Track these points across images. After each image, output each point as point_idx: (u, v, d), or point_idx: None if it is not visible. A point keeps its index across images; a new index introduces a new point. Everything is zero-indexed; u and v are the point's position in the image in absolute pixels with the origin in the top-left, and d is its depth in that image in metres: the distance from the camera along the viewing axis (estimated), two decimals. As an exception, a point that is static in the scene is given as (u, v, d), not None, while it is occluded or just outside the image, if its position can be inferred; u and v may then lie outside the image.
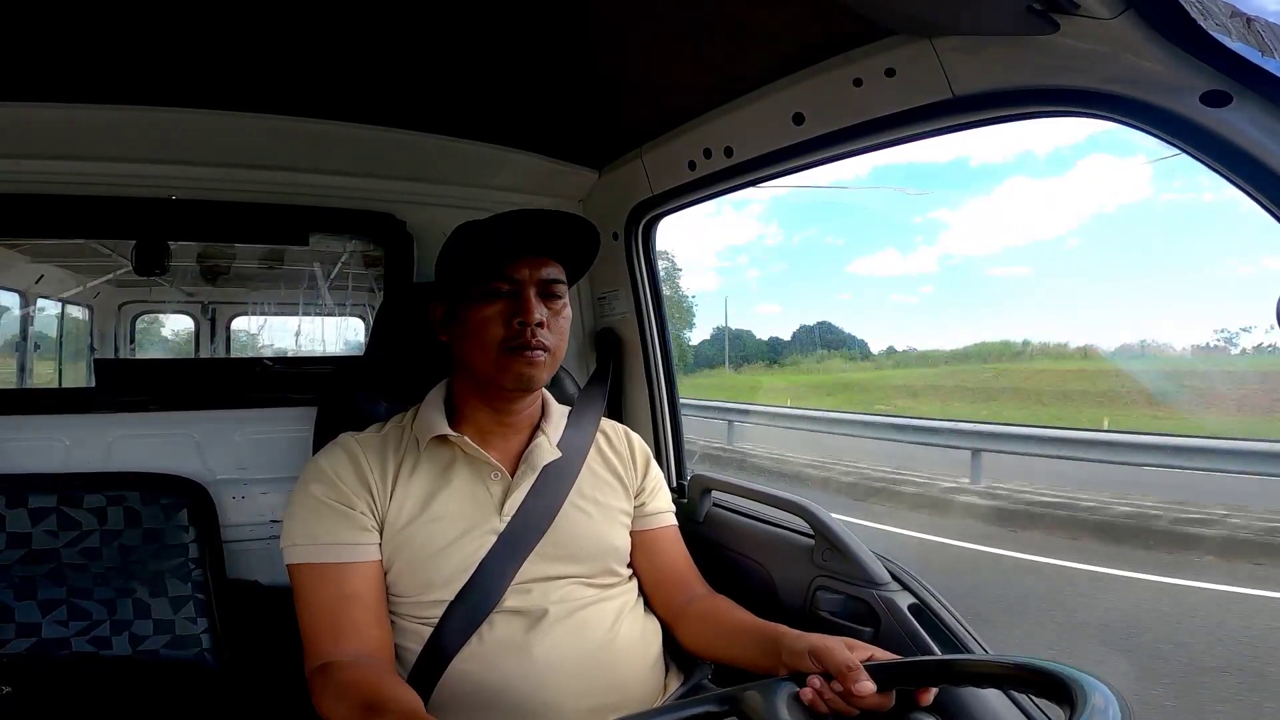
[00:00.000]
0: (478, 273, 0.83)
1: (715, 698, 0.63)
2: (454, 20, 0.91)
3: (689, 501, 1.25)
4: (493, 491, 0.87)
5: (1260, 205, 0.59)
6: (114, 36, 0.93)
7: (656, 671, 0.88)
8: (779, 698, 0.63)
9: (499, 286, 0.83)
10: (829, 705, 0.65)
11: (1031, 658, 0.57)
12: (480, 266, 0.83)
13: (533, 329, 0.81)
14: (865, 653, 0.68)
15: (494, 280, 0.82)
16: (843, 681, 0.65)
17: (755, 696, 0.63)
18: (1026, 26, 0.66)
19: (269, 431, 1.34)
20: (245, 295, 3.28)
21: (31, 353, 2.53)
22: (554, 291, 0.85)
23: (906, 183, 27.15)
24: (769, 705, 0.62)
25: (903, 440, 6.85)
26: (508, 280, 0.83)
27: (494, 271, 0.82)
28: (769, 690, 0.64)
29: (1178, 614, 3.18)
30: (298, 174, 1.30)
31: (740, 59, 0.97)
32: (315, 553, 0.80)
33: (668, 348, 1.40)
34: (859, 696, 0.64)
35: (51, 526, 1.14)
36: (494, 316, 0.82)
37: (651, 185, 1.28)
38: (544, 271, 0.84)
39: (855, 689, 0.64)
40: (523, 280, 0.83)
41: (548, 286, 0.85)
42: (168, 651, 1.15)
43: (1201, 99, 0.59)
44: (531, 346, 0.82)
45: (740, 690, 0.64)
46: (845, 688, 0.64)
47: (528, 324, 0.81)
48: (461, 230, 0.89)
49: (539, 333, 0.82)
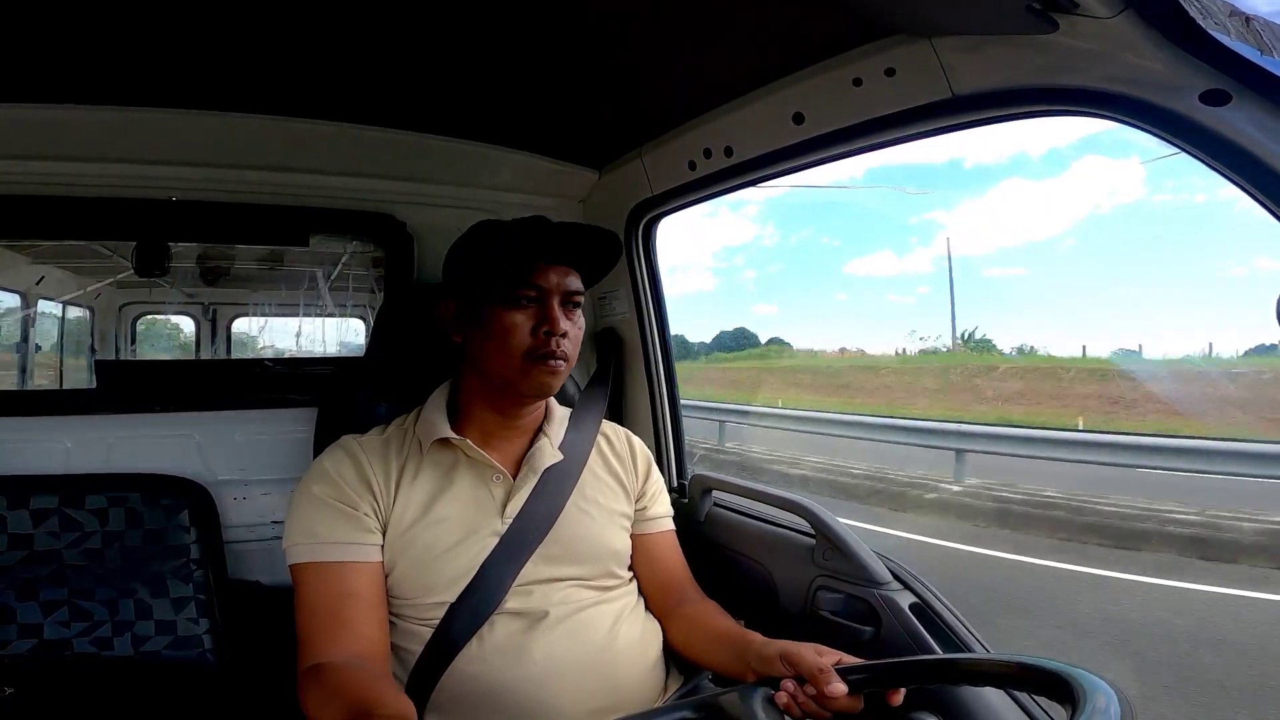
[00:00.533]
0: (506, 277, 0.83)
1: (693, 704, 0.64)
2: (454, 20, 0.91)
3: (690, 501, 1.25)
4: (495, 494, 0.87)
5: (1259, 204, 0.59)
6: (114, 37, 0.93)
7: (656, 673, 0.88)
8: (755, 702, 0.64)
9: (527, 293, 0.83)
10: (802, 708, 0.67)
11: (1033, 657, 0.57)
12: (508, 271, 0.83)
13: (558, 339, 0.82)
14: (834, 657, 0.71)
15: (523, 287, 0.83)
16: (815, 684, 0.67)
17: (732, 701, 0.64)
18: (1026, 26, 0.66)
19: (270, 432, 1.34)
20: (246, 296, 3.28)
21: (32, 354, 2.53)
22: (574, 302, 0.86)
23: (903, 184, 27.15)
24: (746, 709, 0.63)
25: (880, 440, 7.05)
26: (535, 288, 0.83)
27: (523, 278, 0.83)
28: (746, 695, 0.66)
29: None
30: (298, 175, 1.30)
31: (740, 59, 0.97)
32: (317, 551, 0.80)
33: (668, 348, 1.39)
34: (831, 698, 0.66)
35: (53, 527, 1.14)
36: (521, 323, 0.82)
37: (651, 185, 1.28)
38: (568, 281, 0.85)
39: (828, 690, 0.66)
40: (549, 289, 0.83)
41: (570, 297, 0.85)
42: (169, 652, 1.15)
43: (1201, 98, 0.59)
44: (555, 356, 0.82)
45: (716, 696, 0.65)
46: (818, 690, 0.66)
47: (554, 334, 0.82)
48: (481, 229, 0.88)
49: (562, 343, 0.83)
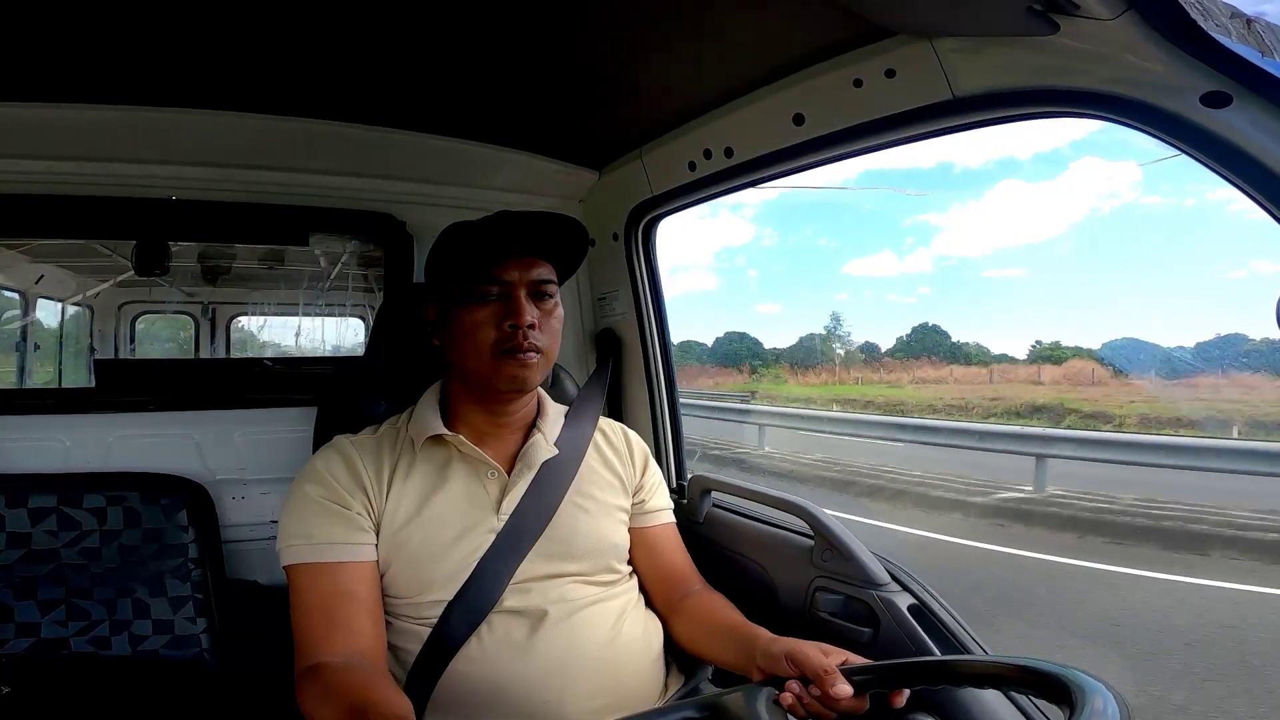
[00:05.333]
0: (467, 275, 0.82)
1: (696, 704, 0.64)
2: (454, 20, 0.91)
3: (689, 502, 1.24)
4: (490, 490, 0.86)
5: (1260, 206, 0.58)
6: (114, 37, 0.93)
7: (657, 672, 0.88)
8: (759, 702, 0.64)
9: (489, 289, 0.82)
10: (806, 709, 0.67)
11: (1031, 659, 0.57)
12: (469, 269, 0.82)
13: (524, 331, 0.81)
14: (840, 657, 0.70)
15: (484, 283, 0.82)
16: (820, 685, 0.66)
17: (737, 701, 0.64)
18: (1027, 27, 0.66)
19: (269, 432, 1.34)
20: (245, 295, 3.29)
21: (31, 353, 2.53)
22: (545, 291, 0.85)
23: (897, 185, 27.14)
24: (750, 709, 0.62)
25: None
26: (497, 282, 0.82)
27: (483, 274, 0.82)
28: (750, 695, 0.65)
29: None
30: (298, 174, 1.30)
31: (740, 59, 0.97)
32: (311, 552, 0.80)
33: (668, 348, 1.39)
34: (837, 700, 0.65)
35: (51, 526, 1.14)
36: (485, 319, 0.82)
37: (652, 185, 1.28)
38: (534, 272, 0.84)
39: (833, 692, 0.65)
40: (513, 282, 0.83)
41: (538, 287, 0.84)
42: (167, 651, 1.15)
43: (1202, 100, 0.59)
44: (524, 349, 0.81)
45: (720, 696, 0.65)
46: (823, 691, 0.66)
47: (519, 326, 0.81)
48: (450, 232, 0.88)
49: (531, 334, 0.82)
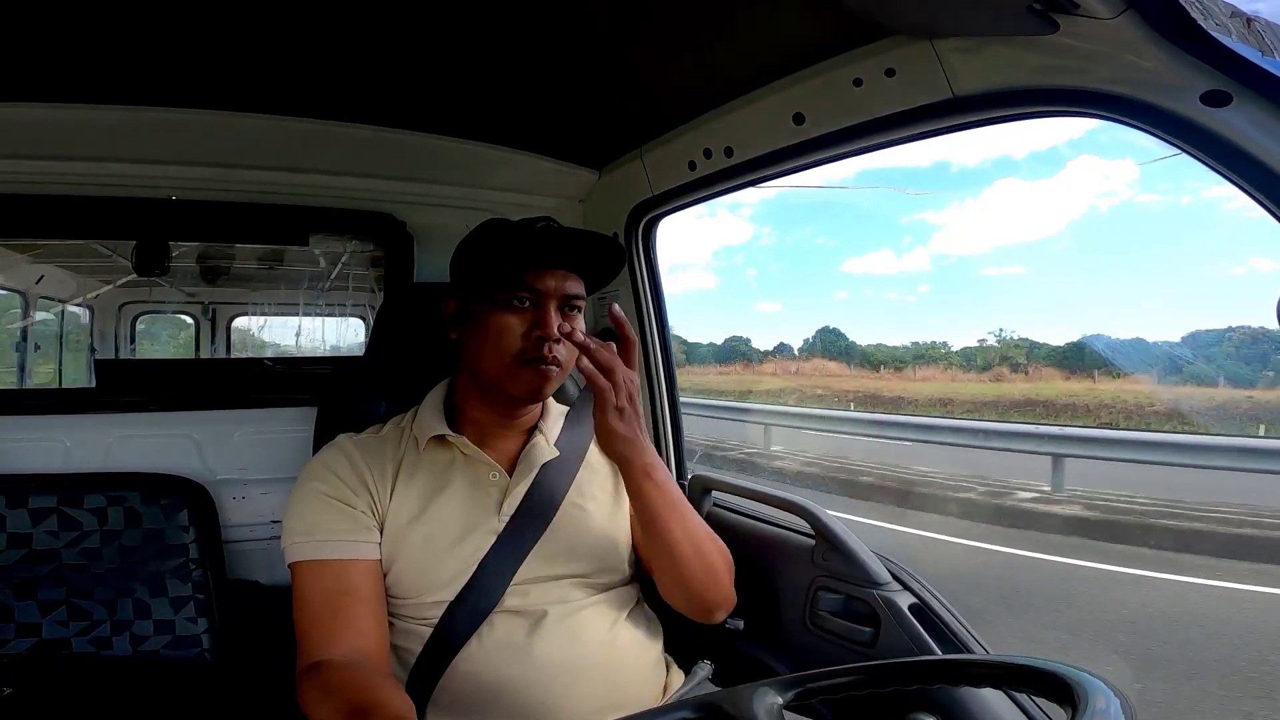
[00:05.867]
0: (502, 278, 0.82)
1: (693, 704, 0.63)
2: (454, 20, 0.91)
3: (689, 502, 1.24)
4: (491, 492, 0.86)
5: (1260, 205, 0.59)
6: (114, 36, 0.93)
7: (658, 672, 0.88)
8: (759, 702, 0.64)
9: (522, 296, 0.82)
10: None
11: (1033, 658, 0.57)
12: (505, 272, 0.82)
13: (550, 344, 0.81)
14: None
15: (518, 289, 0.82)
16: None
17: (737, 701, 0.63)
18: (1027, 27, 0.66)
19: (269, 432, 1.34)
20: (245, 295, 3.29)
21: (32, 353, 2.53)
22: (574, 305, 0.85)
23: (894, 184, 27.11)
24: (749, 710, 0.62)
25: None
26: (531, 291, 0.82)
27: (519, 280, 0.81)
28: (746, 694, 0.65)
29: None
30: (298, 174, 1.30)
31: (740, 59, 0.97)
32: (316, 549, 0.80)
33: (668, 348, 1.39)
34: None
35: (52, 527, 1.14)
36: (514, 326, 0.81)
37: (652, 185, 1.28)
38: (568, 286, 0.83)
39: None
40: (546, 293, 0.82)
41: (569, 301, 0.84)
42: (168, 651, 1.15)
43: (1202, 99, 0.59)
44: (547, 361, 0.81)
45: (716, 696, 0.65)
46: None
47: (547, 339, 0.81)
48: (487, 228, 0.88)
49: (555, 348, 0.81)
